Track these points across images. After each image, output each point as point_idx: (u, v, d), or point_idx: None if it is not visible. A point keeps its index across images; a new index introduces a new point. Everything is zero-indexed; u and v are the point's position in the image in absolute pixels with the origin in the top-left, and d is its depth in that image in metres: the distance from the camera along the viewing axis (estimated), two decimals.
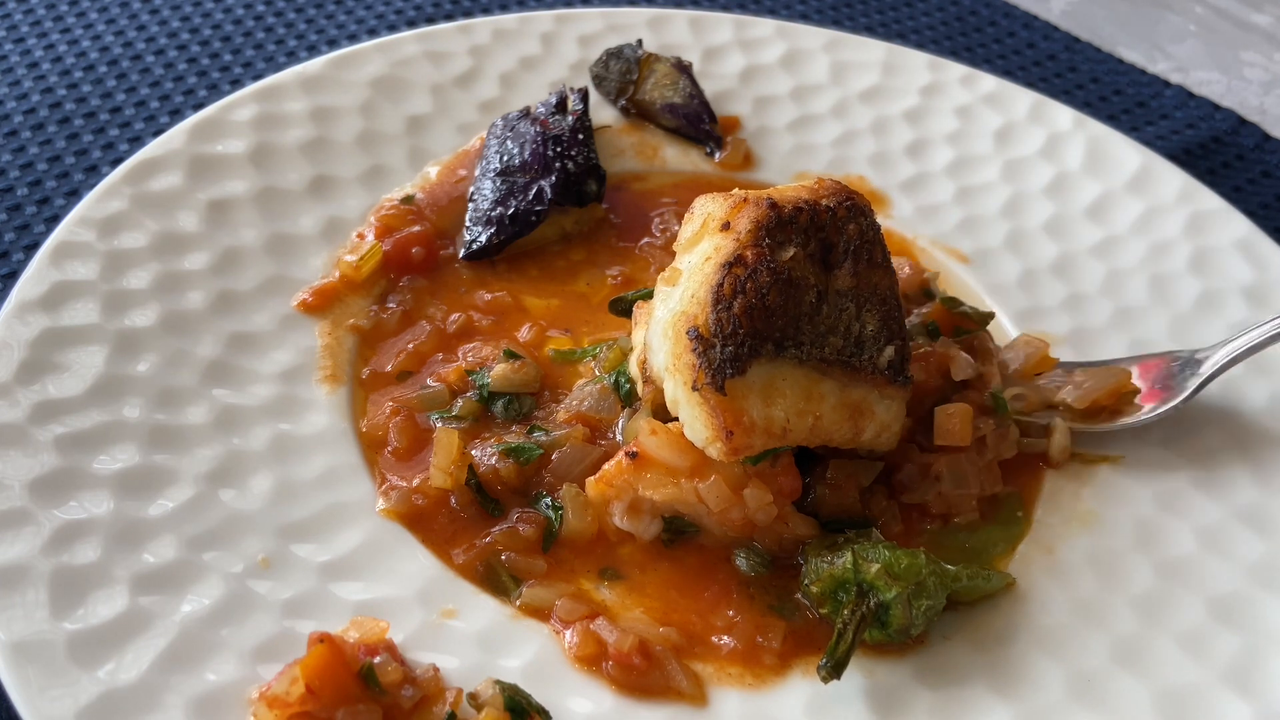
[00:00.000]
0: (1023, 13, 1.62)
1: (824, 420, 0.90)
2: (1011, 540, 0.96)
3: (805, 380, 0.89)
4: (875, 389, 0.91)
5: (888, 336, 0.92)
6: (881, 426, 0.92)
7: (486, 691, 0.80)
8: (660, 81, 1.30)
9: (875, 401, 0.91)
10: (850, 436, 0.92)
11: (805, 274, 0.90)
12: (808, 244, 0.91)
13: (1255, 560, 0.94)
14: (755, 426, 0.87)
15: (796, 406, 0.88)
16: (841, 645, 0.83)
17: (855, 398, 0.90)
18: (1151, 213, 1.21)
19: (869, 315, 0.92)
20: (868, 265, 0.92)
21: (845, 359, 0.90)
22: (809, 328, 0.89)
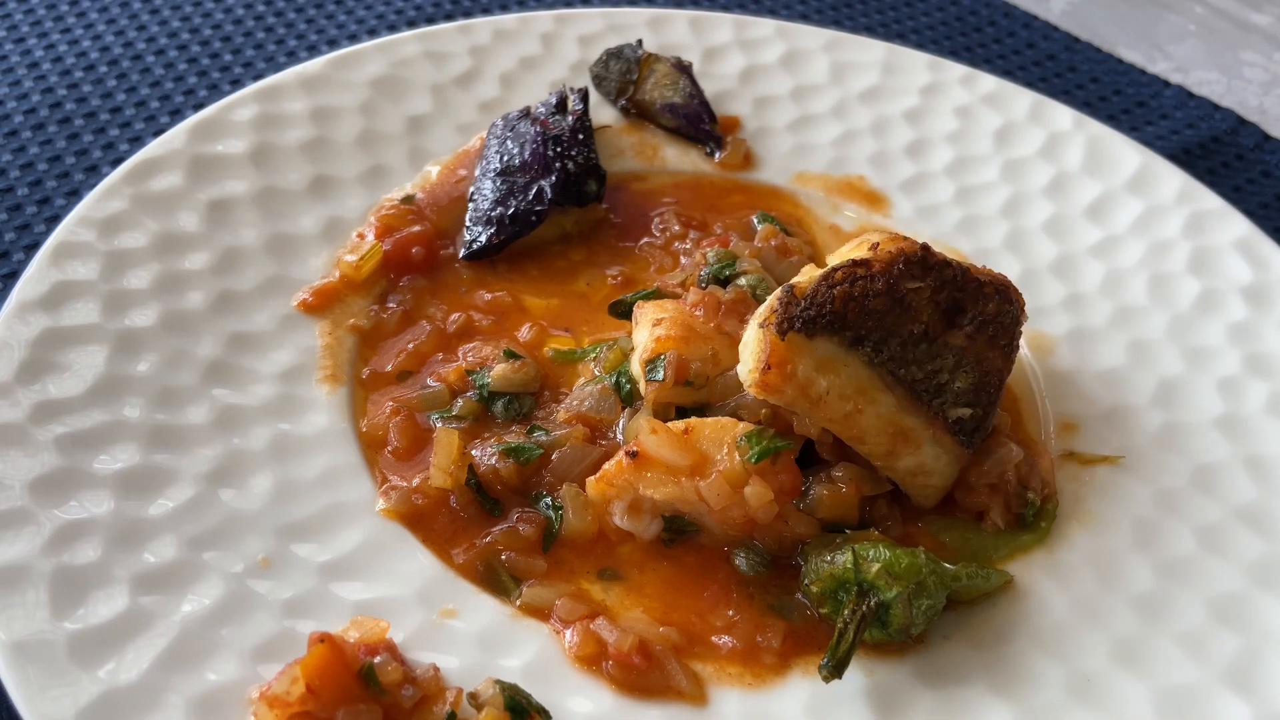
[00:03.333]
0: (1023, 13, 1.62)
1: (863, 419, 0.90)
2: (1018, 546, 0.95)
3: (865, 379, 0.90)
4: (931, 430, 0.92)
5: (971, 400, 0.93)
6: (921, 467, 0.93)
7: (486, 691, 0.80)
8: (660, 81, 1.30)
9: (925, 439, 0.92)
10: (884, 453, 0.92)
11: (922, 310, 0.93)
12: (939, 291, 0.94)
13: (1255, 560, 0.94)
14: (794, 377, 0.89)
15: (843, 390, 0.90)
16: (843, 645, 0.83)
17: (907, 423, 0.91)
18: (1151, 213, 1.21)
19: (963, 375, 0.94)
20: (988, 341, 0.95)
21: (915, 388, 0.91)
22: (898, 347, 0.91)
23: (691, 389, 0.95)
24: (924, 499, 0.96)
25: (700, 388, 0.95)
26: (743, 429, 0.90)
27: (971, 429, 0.93)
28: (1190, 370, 1.07)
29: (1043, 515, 0.96)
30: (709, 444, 0.90)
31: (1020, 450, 0.97)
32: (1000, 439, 0.97)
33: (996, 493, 0.95)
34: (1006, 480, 0.96)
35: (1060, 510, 0.97)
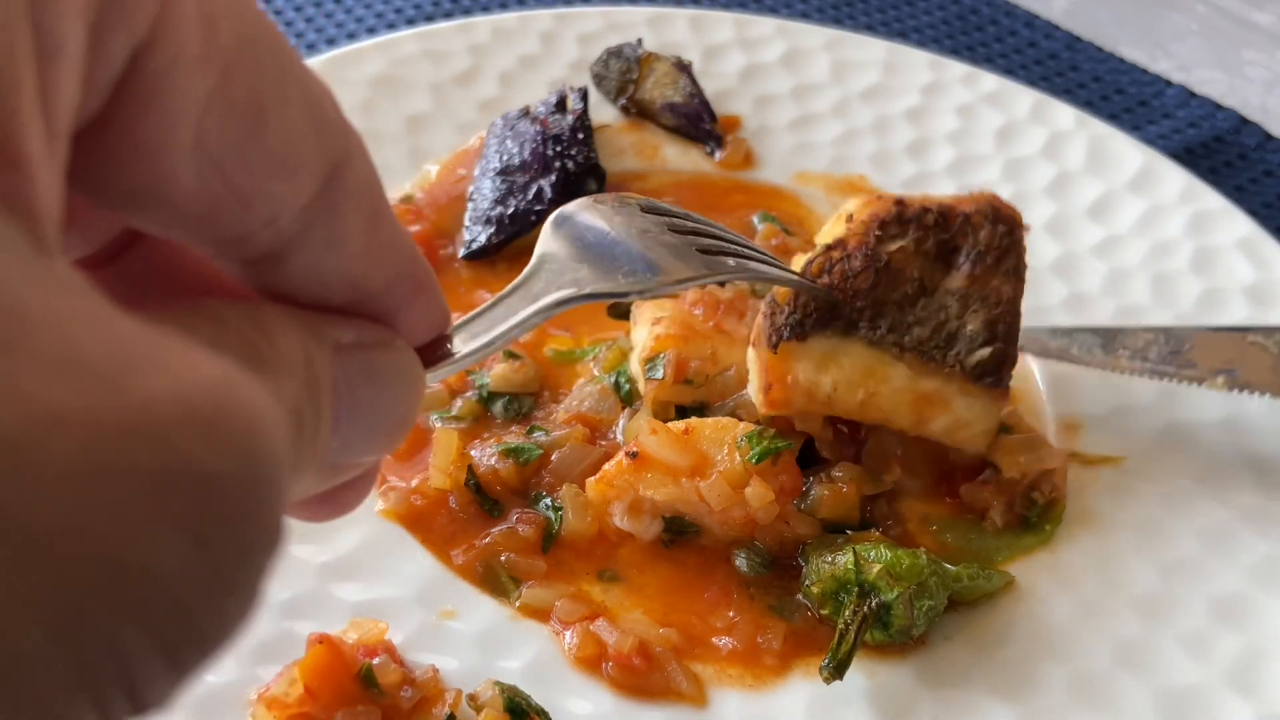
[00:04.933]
0: (1024, 12, 1.62)
1: (880, 400, 0.89)
2: (1020, 547, 0.95)
3: (871, 359, 0.89)
4: (954, 384, 0.89)
5: (987, 339, 0.90)
6: (957, 422, 0.91)
7: (486, 693, 0.80)
8: (660, 81, 1.29)
9: (952, 396, 0.90)
10: (913, 424, 0.91)
11: (910, 267, 0.91)
12: (924, 241, 0.91)
13: (1258, 561, 0.93)
14: (797, 385, 0.88)
15: (849, 379, 0.89)
16: (844, 646, 0.83)
17: (926, 388, 0.90)
18: (1153, 212, 1.20)
19: (973, 316, 0.91)
20: (990, 269, 0.91)
21: (924, 350, 0.89)
22: (895, 315, 0.90)
23: (691, 387, 0.95)
24: (975, 449, 0.94)
25: (700, 386, 0.95)
26: (743, 429, 0.90)
27: (995, 367, 0.90)
28: None
29: (1047, 517, 0.96)
30: (709, 444, 0.90)
31: (1061, 454, 0.96)
32: (1041, 438, 0.96)
33: (1001, 492, 0.95)
34: (1015, 480, 0.95)
35: (1064, 512, 0.97)
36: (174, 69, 0.25)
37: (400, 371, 0.33)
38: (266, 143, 0.27)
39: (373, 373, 0.31)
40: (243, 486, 0.22)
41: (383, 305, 0.32)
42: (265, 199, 0.27)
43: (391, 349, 0.32)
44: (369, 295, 0.31)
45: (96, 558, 0.19)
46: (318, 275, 0.30)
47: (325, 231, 0.29)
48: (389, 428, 0.32)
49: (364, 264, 0.30)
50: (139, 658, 0.20)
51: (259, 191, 0.27)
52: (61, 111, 0.23)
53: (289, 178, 0.28)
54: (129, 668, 0.20)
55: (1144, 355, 1.00)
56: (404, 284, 0.32)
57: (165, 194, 0.27)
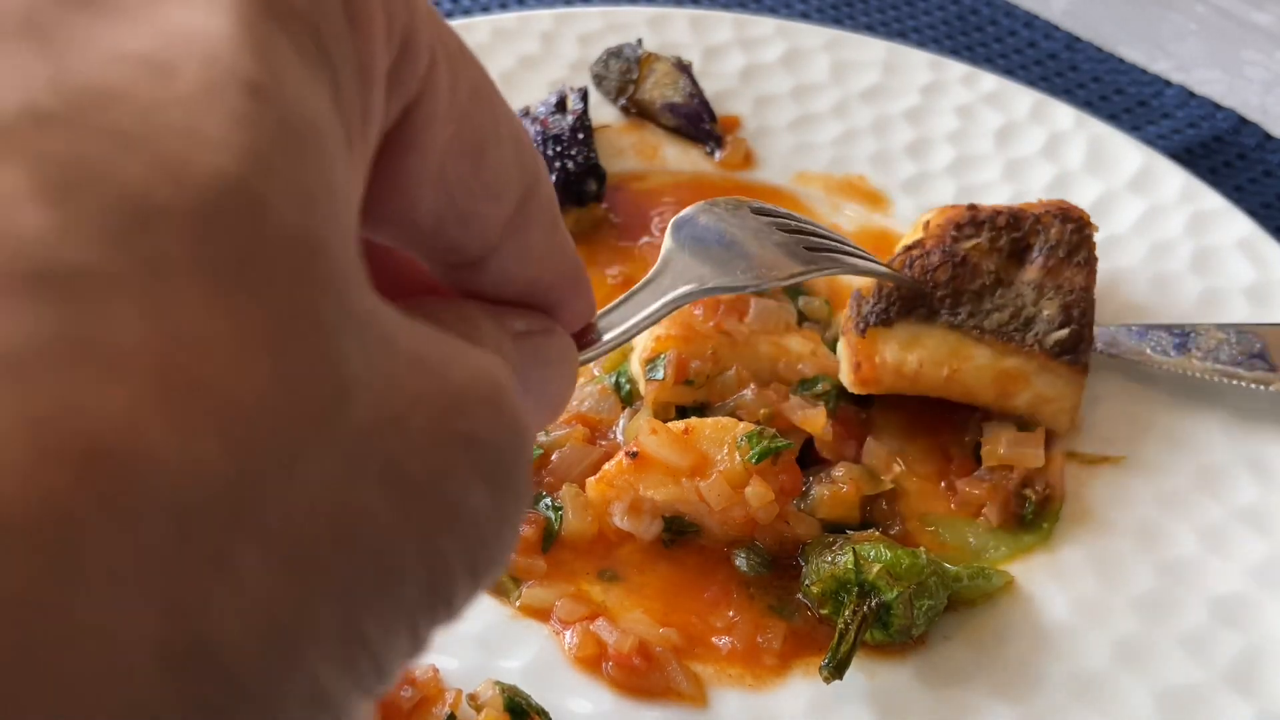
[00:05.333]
0: (1024, 12, 1.62)
1: (963, 376, 0.95)
2: (1019, 547, 0.95)
3: (954, 341, 0.95)
4: (1034, 362, 0.95)
5: (1064, 321, 0.97)
6: (1040, 399, 0.96)
7: (486, 692, 0.80)
8: (660, 81, 1.29)
9: (1033, 373, 0.96)
10: (994, 399, 0.97)
11: (985, 261, 0.98)
12: (997, 240, 0.98)
13: (1257, 561, 0.93)
14: (886, 365, 0.95)
15: (934, 358, 0.95)
16: (844, 646, 0.83)
17: (1008, 366, 0.95)
18: (1153, 212, 1.20)
19: (1048, 302, 0.97)
20: (1062, 261, 0.98)
21: (1004, 332, 0.95)
22: (974, 303, 0.96)
23: (691, 388, 0.95)
24: (1060, 425, 0.99)
25: (700, 387, 0.95)
26: (743, 429, 0.90)
27: (1074, 345, 0.96)
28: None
29: (1045, 516, 0.96)
30: (709, 444, 0.90)
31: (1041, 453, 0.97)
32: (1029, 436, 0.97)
33: (996, 491, 0.95)
34: (1007, 478, 0.95)
35: (1062, 510, 0.97)
36: (433, 121, 0.31)
37: (562, 354, 0.39)
38: (484, 175, 0.33)
39: (541, 356, 0.37)
40: (515, 450, 0.28)
41: (548, 300, 0.38)
42: (479, 218, 0.34)
43: (555, 334, 0.38)
44: (540, 291, 0.37)
45: (445, 498, 0.26)
46: (505, 277, 0.36)
47: (518, 241, 0.35)
48: (554, 403, 0.39)
49: (542, 267, 0.37)
50: (458, 573, 0.27)
51: (476, 213, 0.33)
52: (374, 134, 0.29)
53: (498, 201, 0.34)
54: (452, 579, 0.27)
55: (1215, 356, 1.01)
56: (566, 283, 0.39)
57: (408, 216, 0.33)
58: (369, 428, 0.24)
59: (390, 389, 0.25)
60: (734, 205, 0.66)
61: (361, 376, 0.24)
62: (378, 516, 0.24)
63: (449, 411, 0.26)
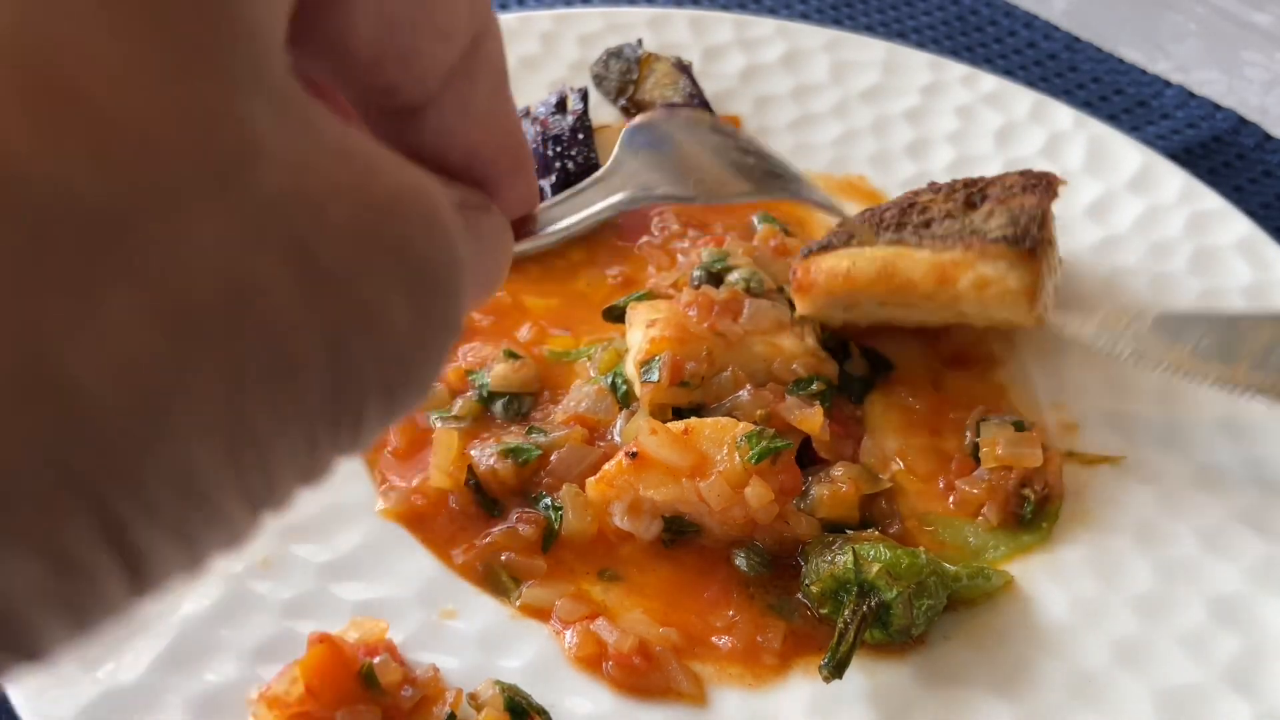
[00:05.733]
0: (1023, 12, 1.62)
1: (898, 273, 0.96)
2: (1018, 546, 0.95)
3: (891, 251, 0.97)
4: (974, 251, 0.94)
5: (1009, 224, 0.94)
6: (984, 282, 0.93)
7: (486, 692, 0.80)
8: (660, 81, 1.29)
9: (974, 260, 0.94)
10: (934, 291, 0.96)
11: (936, 205, 0.99)
12: (953, 192, 1.00)
13: (1257, 561, 0.94)
14: (820, 270, 0.98)
15: (870, 259, 0.97)
16: (843, 645, 0.83)
17: (946, 258, 0.95)
18: (1152, 212, 1.21)
19: (994, 219, 0.96)
20: (1016, 193, 0.98)
21: (945, 237, 0.95)
22: (921, 228, 0.97)
23: (687, 389, 0.95)
24: (1014, 313, 0.95)
25: (695, 388, 0.95)
26: (742, 429, 0.90)
27: (1018, 234, 0.93)
28: None
29: (1044, 515, 0.96)
30: (709, 444, 0.90)
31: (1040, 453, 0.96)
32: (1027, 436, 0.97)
33: (995, 491, 0.95)
34: (1006, 478, 0.95)
35: (1061, 510, 0.97)
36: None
37: (497, 234, 0.37)
38: (431, 11, 0.31)
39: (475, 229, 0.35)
40: (447, 271, 0.27)
41: (486, 174, 0.36)
42: (421, 58, 0.32)
43: (490, 213, 0.37)
44: (479, 162, 0.36)
45: (359, 298, 0.24)
46: (443, 135, 0.34)
47: (459, 94, 0.33)
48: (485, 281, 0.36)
49: (482, 130, 0.35)
50: (368, 385, 0.25)
51: (418, 50, 0.31)
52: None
53: (444, 41, 0.32)
54: (361, 390, 0.25)
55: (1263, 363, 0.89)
56: (507, 156, 0.37)
57: (342, 45, 0.31)
58: (274, 199, 0.22)
59: (306, 168, 0.23)
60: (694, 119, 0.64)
61: (269, 144, 0.22)
62: (277, 295, 0.22)
63: (375, 211, 0.25)
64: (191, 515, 0.22)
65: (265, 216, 0.22)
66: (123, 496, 0.20)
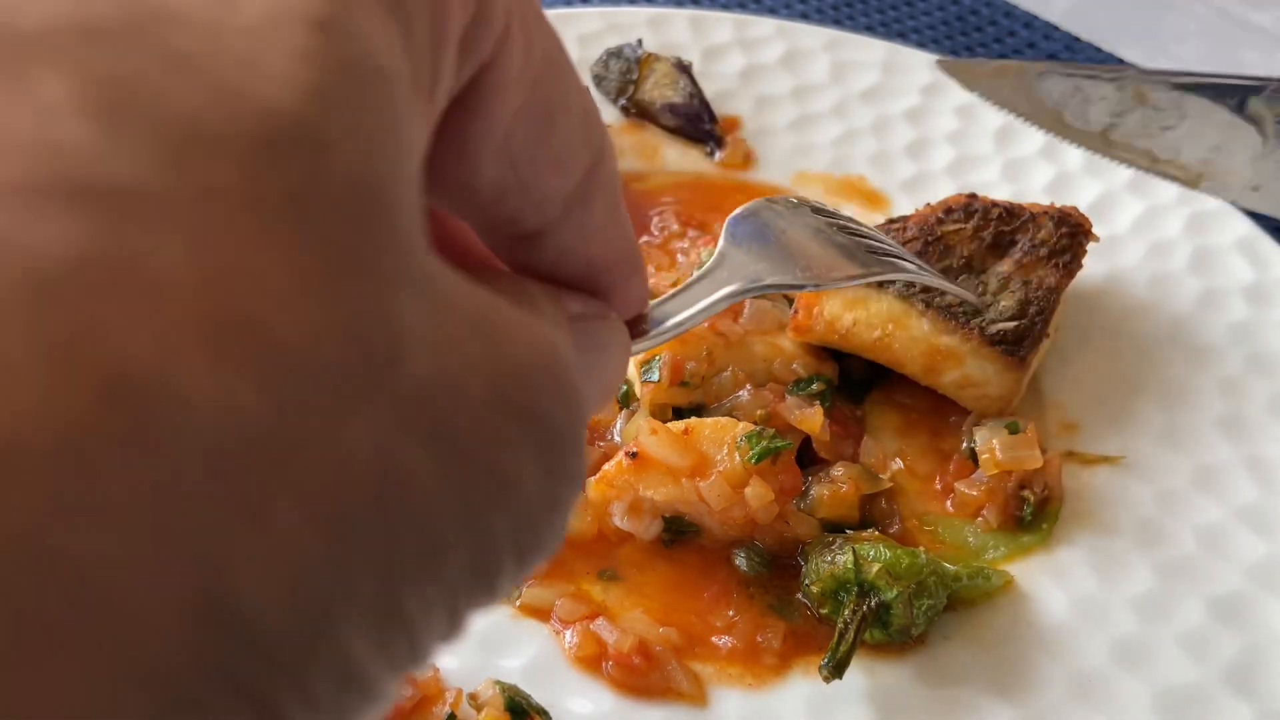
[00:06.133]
0: (1023, 12, 1.62)
1: (894, 342, 0.95)
2: (1018, 547, 0.95)
3: (898, 309, 0.96)
4: (970, 344, 0.95)
5: (1016, 315, 0.95)
6: (967, 379, 0.96)
7: (486, 692, 0.80)
8: (660, 81, 1.29)
9: (966, 354, 0.95)
10: (922, 371, 0.97)
11: (962, 246, 0.98)
12: (983, 229, 0.98)
13: (1256, 561, 0.94)
14: (821, 316, 0.97)
15: (870, 320, 0.96)
16: (843, 645, 0.83)
17: (942, 343, 0.95)
18: (1151, 212, 1.21)
19: (1008, 295, 0.96)
20: (1039, 261, 0.97)
21: (950, 311, 0.95)
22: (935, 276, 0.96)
23: (687, 389, 0.95)
24: (984, 410, 0.99)
25: (696, 388, 0.95)
26: (742, 429, 0.90)
27: (1015, 339, 0.95)
28: (1191, 370, 1.07)
29: (1044, 516, 0.96)
30: (709, 444, 0.90)
31: (1039, 455, 0.96)
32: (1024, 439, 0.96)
33: (995, 493, 0.95)
34: (1005, 480, 0.95)
35: (1061, 510, 0.97)
36: (503, 88, 0.30)
37: (615, 340, 0.38)
38: (551, 145, 0.32)
39: (595, 340, 0.36)
40: (573, 429, 0.27)
41: (603, 283, 0.37)
42: (542, 190, 0.32)
43: (609, 320, 0.37)
44: (596, 273, 0.36)
45: (497, 472, 0.25)
46: (563, 254, 0.35)
47: (579, 216, 0.34)
48: (604, 390, 0.38)
49: (599, 247, 0.36)
50: (504, 553, 0.26)
51: (539, 184, 0.32)
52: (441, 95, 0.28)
53: (563, 173, 0.33)
54: (498, 560, 0.25)
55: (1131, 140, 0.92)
56: (622, 265, 0.37)
57: (469, 183, 0.32)
58: (422, 388, 0.23)
59: (448, 350, 0.24)
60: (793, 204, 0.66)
61: (418, 333, 0.23)
62: (425, 484, 0.23)
63: (508, 381, 0.25)
64: (346, 699, 0.22)
65: (411, 407, 0.22)
66: (287, 696, 0.21)
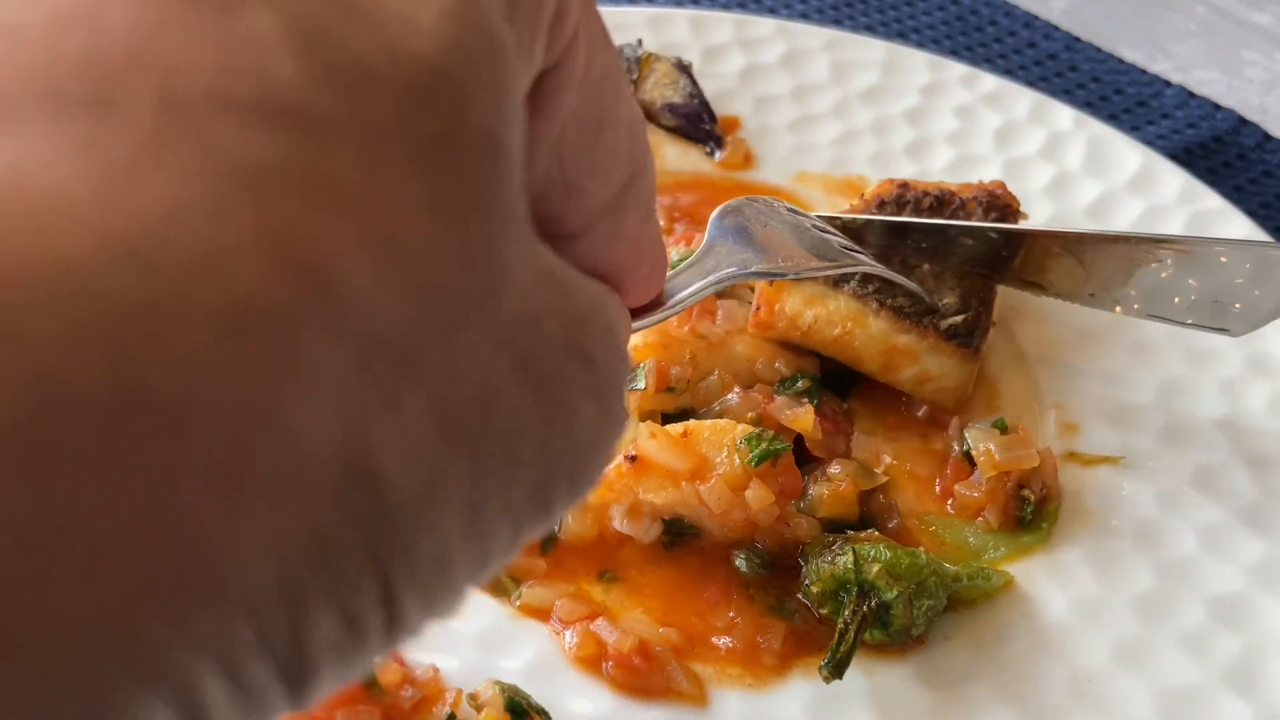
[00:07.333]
0: (1023, 12, 1.62)
1: (854, 339, 0.98)
2: (1018, 547, 0.95)
3: (854, 308, 0.98)
4: (926, 341, 0.98)
5: (960, 309, 0.99)
6: (925, 374, 0.99)
7: (486, 692, 0.80)
8: (660, 81, 1.29)
9: (922, 351, 0.98)
10: (880, 370, 0.99)
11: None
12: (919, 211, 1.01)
13: (1256, 561, 0.94)
14: (784, 313, 0.98)
15: (829, 319, 0.98)
16: (843, 645, 0.83)
17: (899, 342, 0.98)
18: (1152, 212, 1.21)
19: (950, 294, 0.99)
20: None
21: (903, 311, 0.98)
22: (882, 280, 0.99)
23: (674, 394, 0.95)
24: (943, 402, 1.01)
25: (682, 393, 0.95)
26: (741, 431, 0.90)
27: (967, 331, 0.98)
28: (1191, 370, 1.07)
29: (1044, 516, 0.96)
30: (708, 447, 0.90)
31: (1036, 454, 0.96)
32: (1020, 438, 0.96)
33: (994, 495, 0.95)
34: (1004, 480, 0.95)
35: (1061, 510, 0.97)
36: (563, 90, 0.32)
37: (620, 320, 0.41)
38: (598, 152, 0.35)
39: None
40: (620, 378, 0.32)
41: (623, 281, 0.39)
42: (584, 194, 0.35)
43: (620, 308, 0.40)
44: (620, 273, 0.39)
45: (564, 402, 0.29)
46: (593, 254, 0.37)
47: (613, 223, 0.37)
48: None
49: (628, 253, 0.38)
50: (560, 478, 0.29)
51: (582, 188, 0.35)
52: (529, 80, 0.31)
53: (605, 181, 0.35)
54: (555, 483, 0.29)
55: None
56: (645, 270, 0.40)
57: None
58: (513, 319, 0.26)
59: (533, 292, 0.28)
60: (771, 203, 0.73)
61: (513, 273, 0.27)
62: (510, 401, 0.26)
63: (575, 326, 0.29)
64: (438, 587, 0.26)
65: (506, 334, 0.26)
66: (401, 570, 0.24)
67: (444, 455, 0.25)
